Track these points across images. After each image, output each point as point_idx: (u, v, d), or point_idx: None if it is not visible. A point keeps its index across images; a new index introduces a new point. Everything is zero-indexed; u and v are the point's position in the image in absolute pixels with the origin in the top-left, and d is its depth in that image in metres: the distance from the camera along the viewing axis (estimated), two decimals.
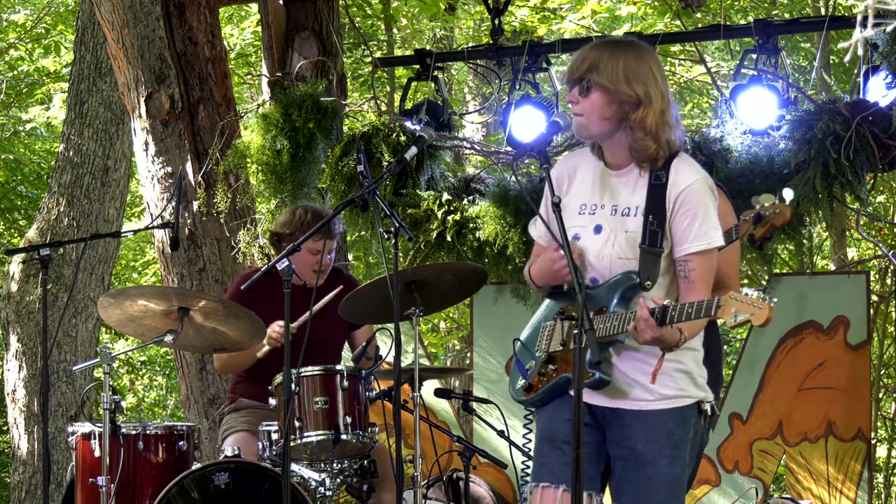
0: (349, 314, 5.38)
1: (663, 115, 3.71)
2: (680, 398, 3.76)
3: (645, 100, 3.68)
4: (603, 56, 3.70)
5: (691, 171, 3.73)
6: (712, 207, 3.73)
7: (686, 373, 3.77)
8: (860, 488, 6.64)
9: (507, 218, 6.71)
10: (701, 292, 3.69)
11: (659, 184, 3.73)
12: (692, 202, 3.70)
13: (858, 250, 13.04)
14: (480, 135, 12.72)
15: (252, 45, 12.74)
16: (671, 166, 3.73)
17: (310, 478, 5.14)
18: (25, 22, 13.73)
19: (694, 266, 3.71)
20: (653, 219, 3.71)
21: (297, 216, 5.72)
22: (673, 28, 10.80)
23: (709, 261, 3.72)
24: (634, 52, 3.74)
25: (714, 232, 3.71)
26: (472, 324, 7.48)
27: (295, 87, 7.06)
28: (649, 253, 3.71)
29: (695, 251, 3.71)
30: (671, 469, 3.74)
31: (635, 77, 3.68)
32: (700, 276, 3.71)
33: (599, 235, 3.81)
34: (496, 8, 7.27)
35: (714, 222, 3.71)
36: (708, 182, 3.75)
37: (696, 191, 3.71)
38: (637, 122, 3.70)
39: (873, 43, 6.07)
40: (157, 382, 16.46)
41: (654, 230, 3.71)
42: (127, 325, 5.31)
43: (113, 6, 7.20)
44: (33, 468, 9.30)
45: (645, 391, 3.76)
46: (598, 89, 3.70)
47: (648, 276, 3.70)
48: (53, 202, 9.61)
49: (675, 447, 3.74)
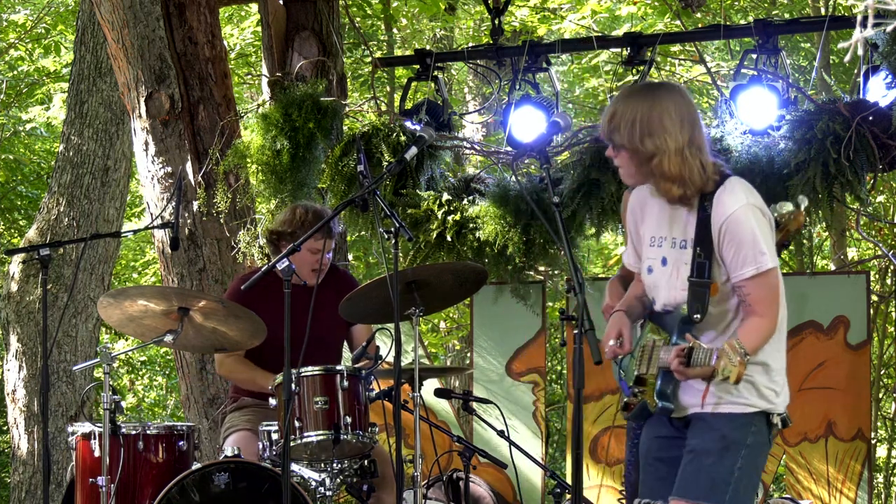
0: (349, 314, 5.38)
1: (682, 153, 3.83)
2: (739, 405, 3.88)
3: (658, 150, 3.82)
4: (619, 114, 3.87)
5: (732, 200, 3.84)
6: (758, 231, 3.82)
7: (751, 383, 3.87)
8: (860, 488, 6.64)
9: (507, 218, 6.71)
10: (762, 314, 3.84)
11: (705, 215, 3.86)
12: (735, 231, 3.82)
13: (858, 250, 13.04)
14: (480, 135, 12.72)
15: (252, 45, 12.74)
16: (714, 197, 3.86)
17: (310, 478, 5.14)
18: (25, 22, 13.72)
19: (749, 290, 3.84)
20: (700, 251, 3.86)
21: (298, 215, 5.72)
22: (673, 28, 10.79)
23: (764, 283, 3.83)
24: (649, 101, 3.87)
25: (761, 256, 3.81)
26: (472, 324, 7.48)
27: (295, 87, 7.06)
28: (697, 285, 3.86)
29: (747, 277, 3.83)
30: (716, 468, 3.84)
31: (647, 131, 3.82)
32: (756, 299, 3.84)
33: (666, 267, 3.96)
34: (496, 8, 7.26)
35: (760, 246, 3.81)
36: (751, 207, 3.84)
37: (738, 219, 3.82)
38: (657, 171, 3.85)
39: (873, 43, 6.07)
40: (157, 382, 16.46)
41: (702, 262, 3.85)
42: (127, 325, 5.31)
43: (113, 6, 7.20)
44: (33, 468, 9.30)
45: (708, 398, 3.88)
46: (622, 148, 3.88)
47: (697, 308, 3.85)
48: (53, 202, 9.61)
49: (724, 449, 3.85)
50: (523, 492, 6.91)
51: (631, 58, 6.82)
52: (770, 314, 3.85)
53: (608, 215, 6.60)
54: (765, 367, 3.90)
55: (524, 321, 7.23)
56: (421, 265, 6.63)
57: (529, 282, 7.15)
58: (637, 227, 4.08)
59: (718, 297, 3.88)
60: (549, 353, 10.89)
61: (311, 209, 5.78)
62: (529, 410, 7.21)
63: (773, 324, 3.86)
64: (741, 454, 3.85)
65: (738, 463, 3.85)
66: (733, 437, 3.85)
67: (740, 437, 3.86)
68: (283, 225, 5.73)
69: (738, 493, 3.85)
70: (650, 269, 4.01)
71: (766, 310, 3.85)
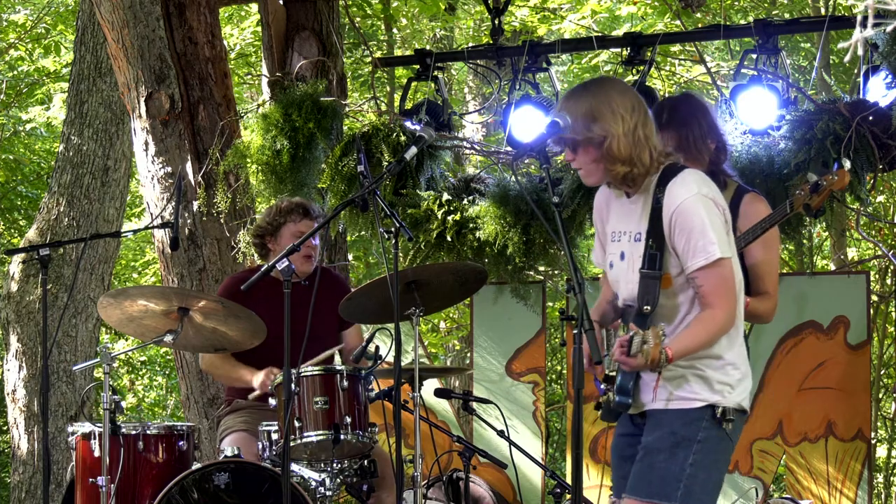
0: (350, 314, 5.38)
1: (630, 135, 3.84)
2: (689, 400, 3.85)
3: (607, 133, 3.83)
4: (568, 111, 3.88)
5: (682, 191, 3.83)
6: (707, 221, 3.80)
7: (701, 377, 3.85)
8: (860, 488, 6.64)
9: (507, 218, 6.71)
10: (715, 305, 3.80)
11: (657, 207, 3.86)
12: (684, 221, 3.80)
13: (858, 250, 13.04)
14: (480, 135, 12.72)
15: (252, 45, 12.75)
16: (666, 188, 3.85)
17: (310, 478, 5.14)
18: (25, 22, 13.73)
19: (700, 282, 3.81)
20: (652, 242, 3.85)
21: (274, 208, 5.79)
22: (673, 28, 10.79)
23: (715, 273, 3.80)
24: (592, 92, 3.91)
25: (710, 246, 3.79)
26: (472, 324, 7.48)
27: (295, 87, 7.06)
28: (648, 277, 3.84)
29: (697, 267, 3.80)
30: (668, 465, 3.82)
31: (594, 117, 3.84)
32: (708, 290, 3.81)
33: (623, 262, 3.96)
34: (496, 8, 7.26)
35: (710, 237, 3.79)
36: (701, 198, 3.83)
37: (687, 209, 3.80)
38: (607, 155, 3.85)
39: (873, 43, 6.07)
40: (157, 382, 16.46)
41: (653, 253, 3.84)
42: (127, 325, 5.31)
43: (113, 6, 7.20)
44: (33, 468, 9.30)
45: (660, 392, 3.87)
46: (575, 144, 3.88)
47: (647, 300, 3.83)
48: (53, 202, 9.61)
49: (675, 445, 3.82)
50: (523, 492, 6.91)
51: (631, 58, 6.83)
52: (724, 305, 3.81)
53: None
54: (718, 360, 3.86)
55: (524, 321, 7.23)
56: (421, 265, 6.64)
57: (529, 282, 7.16)
58: (604, 226, 4.09)
59: (672, 289, 3.86)
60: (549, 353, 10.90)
61: (287, 199, 5.83)
62: (529, 410, 7.21)
63: (728, 315, 3.82)
64: (692, 450, 3.82)
65: (690, 459, 3.82)
66: (683, 433, 3.83)
67: (690, 433, 3.83)
68: (262, 222, 5.77)
69: (691, 491, 3.82)
70: (611, 264, 4.01)
71: (719, 301, 3.80)
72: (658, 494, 3.81)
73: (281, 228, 5.69)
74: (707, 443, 3.84)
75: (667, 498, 3.81)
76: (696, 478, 3.83)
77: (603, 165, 3.87)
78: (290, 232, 5.63)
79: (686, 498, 3.81)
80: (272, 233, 5.72)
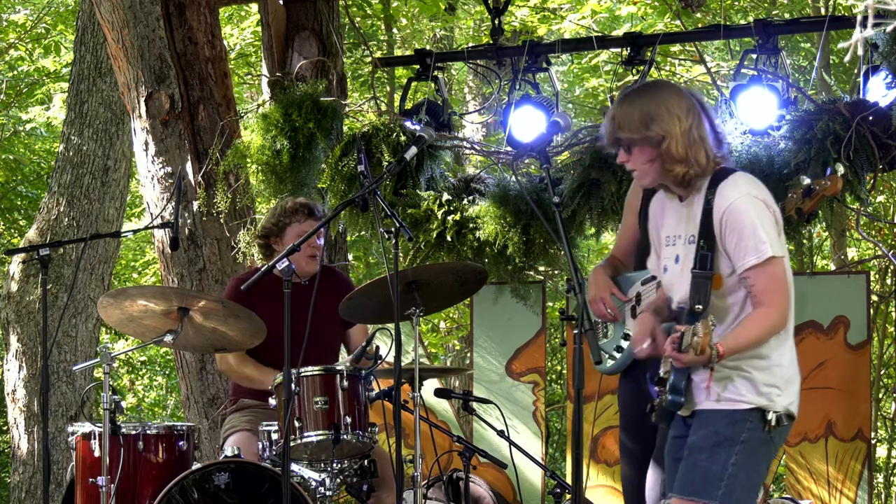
0: (349, 314, 5.38)
1: (687, 136, 3.90)
2: (735, 402, 3.88)
3: (666, 133, 3.88)
4: (622, 113, 3.94)
5: (732, 191, 3.89)
6: (758, 221, 3.85)
7: (748, 379, 3.88)
8: (860, 488, 6.64)
9: (507, 218, 6.71)
10: (767, 304, 3.84)
11: (708, 208, 3.91)
12: (735, 220, 3.86)
13: (858, 250, 13.04)
14: (480, 135, 12.72)
15: (252, 45, 12.74)
16: (717, 189, 3.90)
17: (310, 478, 5.14)
18: (25, 22, 13.72)
19: (753, 281, 3.85)
20: (703, 243, 3.89)
21: (278, 208, 5.78)
22: (673, 28, 10.79)
23: (767, 272, 3.84)
24: (649, 95, 3.97)
25: (762, 245, 3.83)
26: (472, 324, 7.48)
27: (295, 87, 7.05)
28: (699, 277, 3.88)
29: (749, 266, 3.84)
30: (710, 464, 3.85)
31: (653, 118, 3.89)
32: (761, 288, 3.84)
33: (678, 265, 4.00)
34: (496, 8, 7.26)
35: (761, 236, 3.83)
36: (751, 198, 3.88)
37: (737, 209, 3.86)
38: (665, 156, 3.90)
39: (873, 43, 6.07)
40: (157, 382, 16.45)
41: (704, 254, 3.88)
42: (127, 325, 5.31)
43: (113, 6, 7.20)
44: (33, 468, 9.30)
45: (708, 393, 3.90)
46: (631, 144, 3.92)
47: (698, 300, 3.86)
48: (53, 202, 9.61)
49: (717, 445, 3.86)
50: (523, 492, 6.91)
51: (631, 58, 6.83)
52: (777, 304, 3.85)
53: (608, 215, 6.60)
54: (767, 362, 3.89)
55: (524, 321, 7.23)
56: (421, 265, 6.63)
57: (529, 282, 7.16)
58: (658, 232, 4.13)
59: (723, 290, 3.90)
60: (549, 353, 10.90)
61: (291, 199, 5.83)
62: (529, 410, 7.21)
63: (781, 314, 3.86)
64: (734, 450, 3.86)
65: (732, 459, 3.85)
66: (726, 433, 3.86)
67: (733, 434, 3.86)
68: (267, 223, 5.77)
69: (732, 490, 3.85)
70: (665, 268, 4.05)
71: (772, 299, 3.84)
72: (699, 493, 3.84)
73: (286, 229, 5.68)
74: (750, 444, 3.88)
75: (707, 496, 3.84)
76: (737, 478, 3.86)
77: (658, 166, 3.92)
78: (294, 232, 5.62)
79: (726, 498, 3.84)
80: (277, 234, 5.72)
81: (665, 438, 4.39)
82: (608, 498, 6.95)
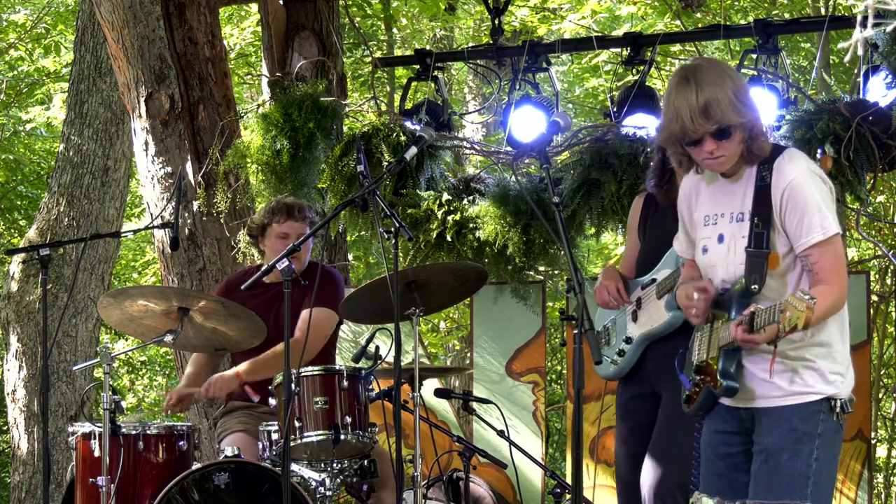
0: (350, 314, 5.38)
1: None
2: (805, 394, 3.79)
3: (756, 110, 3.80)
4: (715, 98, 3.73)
5: (792, 167, 3.79)
6: (819, 197, 3.76)
7: (814, 369, 3.79)
8: (860, 488, 6.63)
9: (507, 218, 6.71)
10: (829, 281, 3.74)
11: (764, 185, 3.80)
12: (797, 197, 3.75)
13: (858, 250, 13.04)
14: (480, 135, 12.72)
15: (252, 45, 12.75)
16: (774, 166, 3.80)
17: (310, 478, 5.14)
18: (25, 22, 13.73)
19: (816, 258, 3.76)
20: (758, 220, 3.78)
21: (267, 208, 5.79)
22: (673, 28, 10.79)
23: (830, 250, 3.75)
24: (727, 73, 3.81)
25: (826, 222, 3.74)
26: (472, 324, 7.48)
27: (295, 87, 7.05)
28: (755, 256, 3.78)
29: (813, 243, 3.75)
30: (793, 463, 3.75)
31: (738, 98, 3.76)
32: (823, 266, 3.75)
33: (722, 244, 3.88)
34: (496, 8, 7.26)
35: (824, 211, 3.74)
36: (811, 174, 3.79)
37: (800, 184, 3.76)
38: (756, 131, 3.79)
39: (873, 43, 6.06)
40: (157, 382, 16.45)
41: (760, 232, 3.77)
42: (127, 325, 5.31)
43: (113, 6, 7.20)
44: (33, 468, 9.30)
45: (772, 388, 3.80)
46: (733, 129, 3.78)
47: (755, 279, 3.76)
48: (53, 202, 9.61)
49: (797, 441, 3.76)
50: (523, 492, 6.91)
51: (631, 58, 6.83)
52: (838, 282, 3.74)
53: (608, 215, 6.60)
54: (828, 348, 3.81)
55: (524, 321, 7.23)
56: (421, 265, 6.63)
57: (529, 282, 7.15)
58: (691, 214, 4.01)
59: (779, 269, 3.80)
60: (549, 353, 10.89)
61: (277, 199, 5.85)
62: (529, 410, 7.21)
63: (842, 293, 3.75)
64: (814, 445, 3.75)
65: (814, 455, 3.75)
66: (803, 429, 3.76)
67: (810, 428, 3.76)
68: (252, 222, 5.81)
69: (819, 486, 3.76)
70: (705, 248, 3.93)
71: (834, 277, 3.75)
72: (788, 495, 3.74)
73: (266, 229, 5.70)
74: (826, 436, 3.79)
75: (798, 497, 3.74)
76: (822, 473, 3.78)
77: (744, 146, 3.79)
78: (274, 233, 5.65)
79: (816, 495, 3.75)
80: (260, 233, 5.76)
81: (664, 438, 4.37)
82: (608, 498, 6.95)
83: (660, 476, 4.67)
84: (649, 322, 4.77)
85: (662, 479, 4.66)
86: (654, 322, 4.74)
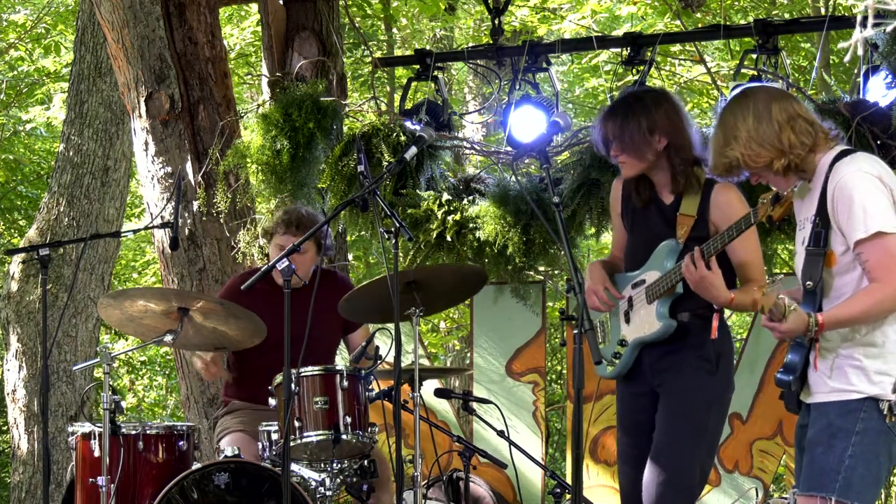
0: (350, 314, 5.38)
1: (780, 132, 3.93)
2: (847, 392, 3.83)
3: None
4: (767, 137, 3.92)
5: (842, 168, 3.87)
6: (867, 195, 3.81)
7: (860, 368, 3.83)
8: None
9: (507, 218, 6.71)
10: (880, 279, 3.78)
11: (824, 187, 3.90)
12: (844, 195, 3.82)
13: None
14: (480, 135, 12.72)
15: (252, 45, 12.75)
16: (834, 167, 3.89)
17: (310, 478, 5.14)
18: (25, 22, 13.73)
19: (866, 256, 3.80)
20: (818, 220, 3.88)
21: (276, 215, 5.86)
22: (673, 28, 10.80)
23: (878, 247, 3.78)
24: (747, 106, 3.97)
25: (870, 219, 3.78)
26: (472, 324, 7.48)
27: (295, 87, 7.05)
28: (812, 254, 3.88)
29: (857, 239, 3.80)
30: (825, 458, 3.80)
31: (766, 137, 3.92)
32: (874, 264, 3.79)
33: (802, 247, 3.98)
34: (496, 8, 7.26)
35: (871, 209, 3.79)
36: (862, 174, 3.84)
37: (846, 184, 3.83)
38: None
39: (873, 43, 6.07)
40: (157, 382, 16.45)
41: (819, 231, 3.87)
42: (127, 326, 5.32)
43: (113, 6, 7.20)
44: (33, 468, 9.30)
45: (820, 384, 3.88)
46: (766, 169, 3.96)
47: (809, 276, 3.86)
48: (53, 202, 9.62)
49: (832, 437, 3.81)
50: (523, 492, 6.91)
51: (631, 58, 6.83)
52: (890, 280, 3.77)
53: (608, 215, 6.59)
54: (879, 348, 3.83)
55: (524, 321, 7.23)
56: (421, 265, 6.63)
57: (529, 282, 7.16)
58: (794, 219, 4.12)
59: (837, 268, 3.87)
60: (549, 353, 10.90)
61: (284, 209, 5.90)
62: (529, 410, 7.21)
63: (893, 291, 3.77)
64: (850, 441, 3.78)
65: (849, 451, 3.78)
66: (839, 424, 3.80)
67: (847, 424, 3.80)
68: (263, 225, 5.88)
69: (850, 483, 3.77)
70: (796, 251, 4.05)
71: (885, 275, 3.77)
72: (817, 487, 3.79)
73: (271, 239, 5.79)
74: (866, 434, 3.80)
75: (824, 489, 3.78)
76: (855, 471, 3.79)
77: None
78: (275, 243, 5.70)
79: (845, 491, 3.77)
80: (268, 239, 5.88)
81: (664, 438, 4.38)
82: (608, 498, 6.95)
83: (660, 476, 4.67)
84: (641, 328, 4.77)
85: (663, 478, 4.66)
86: (646, 329, 4.74)
